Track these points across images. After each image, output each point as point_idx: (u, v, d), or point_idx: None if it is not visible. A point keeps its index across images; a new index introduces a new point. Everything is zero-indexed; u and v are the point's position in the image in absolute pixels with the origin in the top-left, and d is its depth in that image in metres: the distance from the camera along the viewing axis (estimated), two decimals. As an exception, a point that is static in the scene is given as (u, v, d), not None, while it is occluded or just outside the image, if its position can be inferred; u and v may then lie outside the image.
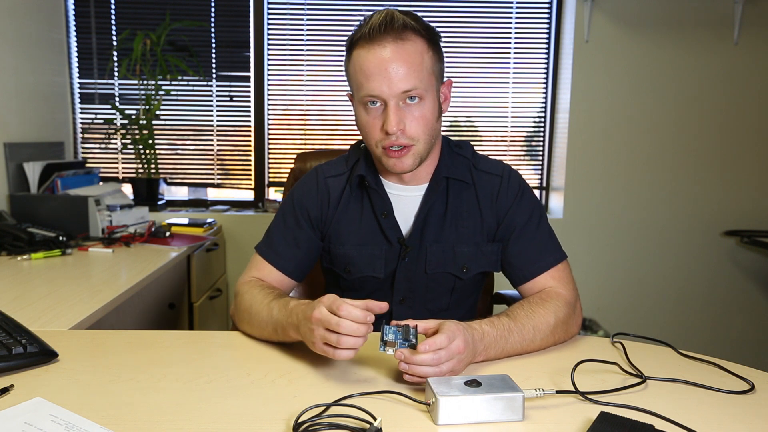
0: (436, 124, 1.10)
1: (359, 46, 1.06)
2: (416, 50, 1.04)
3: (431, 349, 0.84)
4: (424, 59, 1.05)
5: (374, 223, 1.18)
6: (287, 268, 1.19)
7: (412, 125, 1.06)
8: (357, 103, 1.11)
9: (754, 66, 2.69)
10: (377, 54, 1.03)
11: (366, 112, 1.08)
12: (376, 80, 1.03)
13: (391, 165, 1.09)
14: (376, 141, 1.08)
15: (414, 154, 1.08)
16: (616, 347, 1.05)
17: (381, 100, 1.05)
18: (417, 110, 1.06)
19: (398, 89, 1.03)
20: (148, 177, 2.67)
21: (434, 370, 0.84)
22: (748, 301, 2.83)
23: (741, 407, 0.82)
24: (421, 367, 0.84)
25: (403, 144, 1.06)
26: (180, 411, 0.78)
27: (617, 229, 2.79)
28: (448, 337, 0.85)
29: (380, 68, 1.03)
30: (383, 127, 1.05)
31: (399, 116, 1.04)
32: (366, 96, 1.06)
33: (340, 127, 2.86)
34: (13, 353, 0.90)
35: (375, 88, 1.04)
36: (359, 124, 1.12)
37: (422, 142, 1.08)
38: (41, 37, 2.50)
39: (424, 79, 1.05)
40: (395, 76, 1.02)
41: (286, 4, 2.76)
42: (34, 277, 1.59)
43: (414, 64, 1.03)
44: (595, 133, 2.73)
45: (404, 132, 1.05)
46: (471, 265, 1.18)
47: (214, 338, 1.09)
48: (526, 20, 2.79)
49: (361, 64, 1.05)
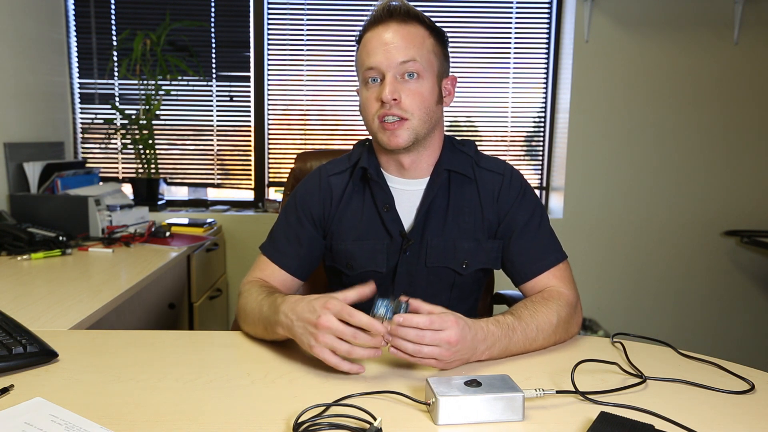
0: (434, 108, 1.12)
1: (365, 33, 1.12)
2: (418, 33, 1.10)
3: (407, 324, 0.85)
4: (425, 42, 1.10)
5: (376, 217, 1.18)
6: (291, 267, 1.19)
7: (407, 98, 1.08)
8: (360, 85, 1.14)
9: (754, 66, 2.69)
10: (380, 33, 1.09)
11: (366, 89, 1.12)
12: (376, 54, 1.08)
13: (386, 139, 1.11)
14: (373, 114, 1.11)
15: (408, 128, 1.10)
16: (616, 347, 1.05)
17: (380, 73, 1.09)
18: (414, 85, 1.09)
19: (396, 60, 1.07)
20: (148, 177, 2.67)
21: (413, 348, 0.86)
22: (748, 301, 2.83)
23: (741, 407, 0.82)
24: (400, 340, 0.86)
25: (397, 115, 1.08)
26: (180, 411, 0.78)
27: (617, 229, 2.79)
28: (432, 321, 0.86)
29: (381, 43, 1.08)
30: (379, 97, 1.09)
31: (395, 86, 1.08)
32: (366, 70, 1.10)
33: (340, 127, 2.86)
34: (13, 353, 0.90)
35: (374, 61, 1.08)
36: (361, 106, 1.15)
37: (417, 118, 1.10)
38: (41, 37, 2.50)
39: (423, 56, 1.09)
40: (393, 48, 1.07)
41: (286, 4, 2.76)
42: (34, 277, 1.59)
43: (414, 41, 1.08)
44: (595, 133, 2.73)
45: (399, 103, 1.08)
46: (471, 260, 1.18)
47: (214, 338, 1.09)
48: (526, 20, 2.80)
49: (365, 44, 1.11)
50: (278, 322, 0.94)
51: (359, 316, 0.86)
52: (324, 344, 0.87)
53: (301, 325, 0.90)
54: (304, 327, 0.89)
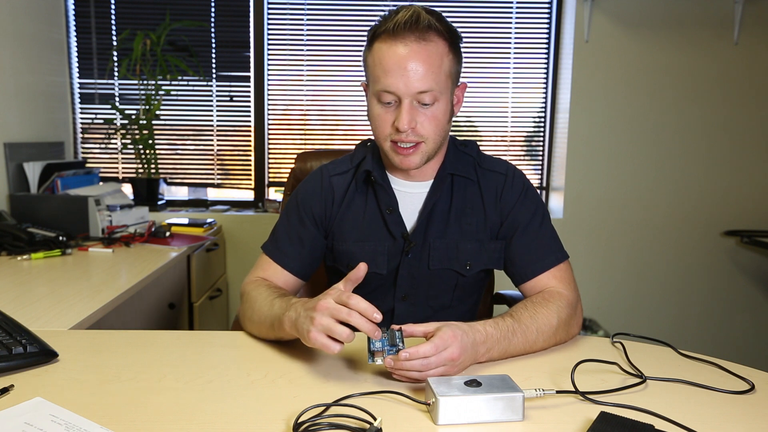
0: (446, 126, 1.12)
1: (381, 40, 1.06)
2: (437, 52, 1.05)
3: (413, 357, 0.84)
4: (444, 62, 1.06)
5: (378, 219, 1.18)
6: (293, 267, 1.19)
7: (423, 124, 1.07)
8: (371, 94, 1.11)
9: (754, 66, 2.69)
10: (398, 51, 1.04)
11: (379, 106, 1.09)
12: (393, 76, 1.04)
13: (398, 161, 1.10)
14: (386, 135, 1.10)
15: (422, 152, 1.09)
16: (616, 347, 1.05)
17: (396, 96, 1.06)
18: (430, 111, 1.07)
19: (414, 89, 1.04)
20: (148, 177, 2.67)
21: (423, 375, 0.86)
22: (748, 301, 2.83)
23: (741, 407, 0.82)
24: (408, 371, 0.86)
25: (413, 141, 1.08)
26: (180, 411, 0.78)
27: (617, 229, 2.79)
28: (436, 346, 0.85)
29: (399, 65, 1.03)
30: (395, 123, 1.07)
31: (412, 115, 1.05)
32: (381, 90, 1.07)
33: (340, 127, 2.86)
34: (13, 353, 0.90)
35: (391, 84, 1.04)
36: (371, 116, 1.12)
37: (431, 142, 1.09)
38: (41, 37, 2.50)
39: (440, 81, 1.06)
40: (413, 75, 1.03)
41: (286, 4, 2.76)
42: (34, 277, 1.58)
43: (433, 65, 1.04)
44: (595, 133, 2.73)
45: (415, 130, 1.07)
46: (474, 262, 1.18)
47: (214, 338, 1.09)
48: (526, 20, 2.79)
49: (381, 57, 1.05)
50: (288, 317, 0.94)
51: (357, 300, 0.84)
52: (320, 326, 0.85)
53: (304, 314, 0.89)
54: (306, 315, 0.88)
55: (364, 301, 0.85)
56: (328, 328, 0.84)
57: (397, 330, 0.88)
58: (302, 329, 0.88)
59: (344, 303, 0.85)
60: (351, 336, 0.84)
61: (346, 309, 0.84)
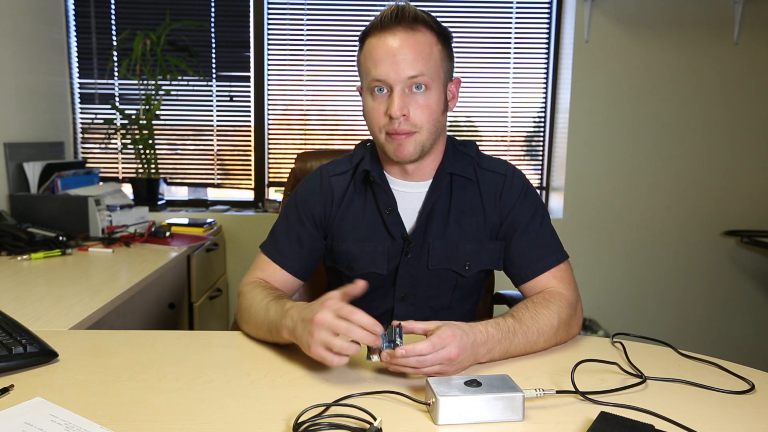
0: (440, 117, 1.12)
1: (371, 36, 1.08)
2: (426, 41, 1.07)
3: (409, 354, 0.84)
4: (433, 51, 1.07)
5: (378, 219, 1.18)
6: (292, 267, 1.19)
7: (416, 112, 1.07)
8: (365, 91, 1.12)
9: (754, 66, 2.69)
10: (387, 41, 1.05)
11: (372, 98, 1.10)
12: (383, 65, 1.05)
13: (392, 150, 1.10)
14: (380, 126, 1.10)
15: (416, 141, 1.09)
16: (616, 347, 1.05)
17: (387, 85, 1.06)
18: (422, 98, 1.07)
19: (405, 74, 1.05)
20: (148, 177, 2.67)
21: (418, 372, 0.86)
22: (748, 301, 2.83)
23: (741, 407, 0.82)
24: (404, 367, 0.86)
25: (406, 130, 1.07)
26: (180, 411, 0.78)
27: (617, 229, 2.79)
28: (433, 345, 0.85)
29: (388, 54, 1.05)
30: (387, 112, 1.07)
31: (403, 101, 1.06)
32: (373, 81, 1.07)
33: (340, 127, 2.86)
34: (13, 353, 0.90)
35: (382, 73, 1.05)
36: (365, 112, 1.13)
37: (425, 131, 1.09)
38: (41, 37, 2.50)
39: (431, 68, 1.07)
40: (402, 61, 1.04)
41: (286, 4, 2.76)
42: (34, 277, 1.59)
43: (422, 52, 1.05)
44: (595, 133, 2.73)
45: (408, 118, 1.07)
46: (473, 262, 1.18)
47: (214, 338, 1.09)
48: (526, 20, 2.79)
49: (371, 50, 1.07)
50: (285, 325, 0.94)
51: (359, 315, 0.85)
52: (319, 340, 0.85)
53: (302, 325, 0.89)
54: (303, 327, 0.89)
55: (366, 315, 0.85)
56: (327, 343, 0.85)
57: (396, 326, 0.88)
58: (302, 342, 0.89)
59: (345, 317, 0.85)
60: (354, 348, 0.84)
61: (345, 324, 0.85)
